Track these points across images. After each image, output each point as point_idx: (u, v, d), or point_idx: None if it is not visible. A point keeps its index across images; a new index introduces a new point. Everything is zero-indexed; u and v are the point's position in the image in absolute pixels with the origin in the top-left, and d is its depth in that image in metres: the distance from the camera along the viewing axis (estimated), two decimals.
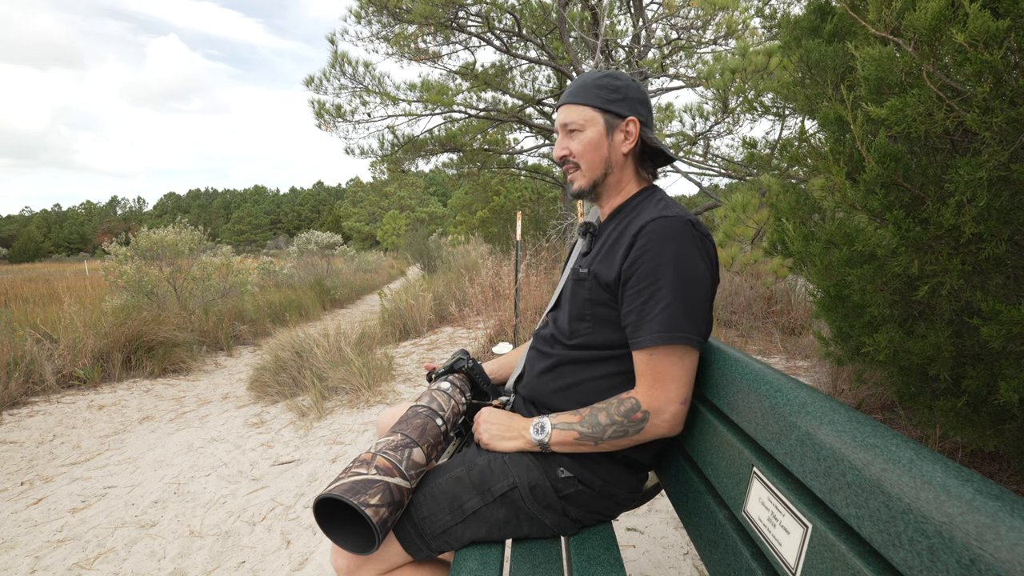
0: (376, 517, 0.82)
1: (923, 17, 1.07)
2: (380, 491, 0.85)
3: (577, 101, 1.04)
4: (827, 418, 0.64)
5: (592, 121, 1.03)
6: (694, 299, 0.91)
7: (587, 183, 1.07)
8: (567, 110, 1.05)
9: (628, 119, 1.03)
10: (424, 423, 1.01)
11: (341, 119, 7.79)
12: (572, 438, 0.96)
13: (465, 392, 1.16)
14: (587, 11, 7.55)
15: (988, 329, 1.16)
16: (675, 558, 1.70)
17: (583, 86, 1.05)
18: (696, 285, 0.91)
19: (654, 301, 0.90)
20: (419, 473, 0.95)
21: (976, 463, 1.90)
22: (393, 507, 0.86)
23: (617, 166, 1.06)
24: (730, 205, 3.97)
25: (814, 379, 2.98)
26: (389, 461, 0.90)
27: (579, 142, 1.04)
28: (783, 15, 2.54)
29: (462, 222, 15.92)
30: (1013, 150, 1.04)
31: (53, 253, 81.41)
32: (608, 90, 1.03)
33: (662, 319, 0.89)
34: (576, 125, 1.04)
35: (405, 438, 0.96)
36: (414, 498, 0.98)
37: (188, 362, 4.94)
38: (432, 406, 1.06)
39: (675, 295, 0.89)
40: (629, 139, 1.04)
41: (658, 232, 0.92)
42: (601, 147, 1.04)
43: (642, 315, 0.91)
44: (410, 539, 0.96)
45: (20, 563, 1.93)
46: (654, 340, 0.89)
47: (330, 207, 78.53)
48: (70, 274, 16.68)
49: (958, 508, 0.44)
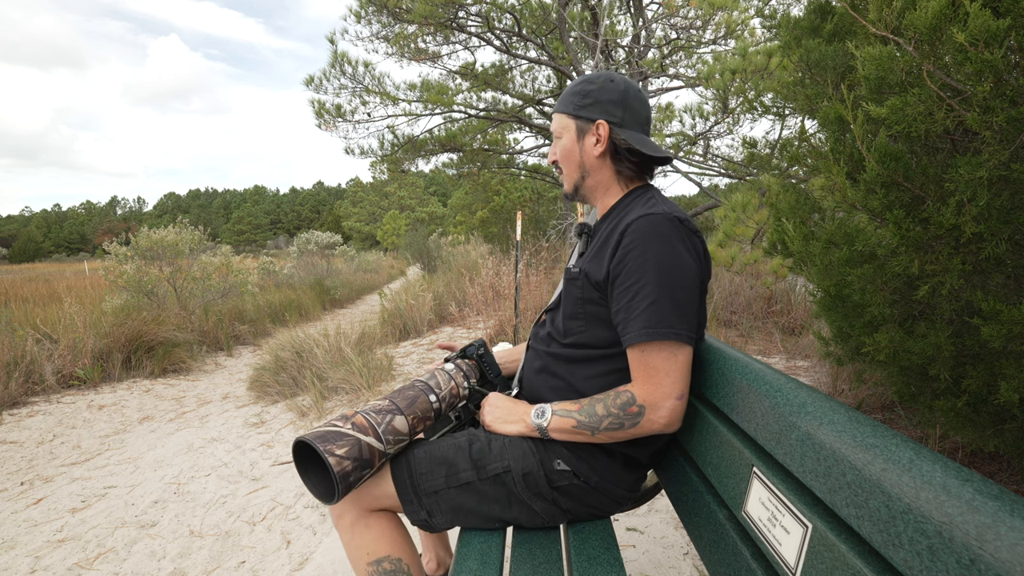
0: (338, 467, 0.86)
1: (923, 16, 1.07)
2: (348, 444, 0.89)
3: (558, 109, 1.10)
4: (827, 418, 0.64)
5: (567, 128, 1.07)
6: (680, 295, 0.91)
7: (569, 187, 1.12)
8: (554, 118, 1.12)
9: (596, 123, 1.04)
10: (416, 396, 1.05)
11: (341, 119, 7.79)
12: (570, 426, 0.97)
13: (470, 378, 1.18)
14: (587, 11, 7.54)
15: (988, 329, 1.16)
16: (675, 558, 1.70)
17: (564, 94, 1.10)
18: (682, 280, 0.91)
19: (640, 298, 0.91)
20: (398, 440, 0.99)
21: (976, 463, 1.90)
22: (359, 464, 0.90)
23: (593, 169, 1.07)
24: (730, 205, 3.97)
25: (814, 379, 2.98)
26: (367, 420, 0.95)
27: (559, 148, 1.10)
28: (783, 15, 2.53)
29: (462, 222, 15.92)
30: (1013, 149, 1.04)
31: (53, 253, 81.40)
32: (580, 95, 1.06)
33: (648, 315, 0.90)
34: (557, 132, 1.09)
35: (392, 404, 1.01)
36: (414, 453, 1.03)
37: (188, 362, 4.94)
38: (430, 382, 1.10)
39: (660, 291, 0.90)
40: (600, 142, 1.05)
41: (642, 229, 0.93)
42: (574, 152, 1.08)
43: (630, 312, 0.92)
44: (405, 488, 1.00)
45: (20, 563, 1.93)
46: (642, 336, 0.90)
47: (330, 207, 78.54)
48: (70, 274, 16.68)
49: (958, 508, 0.44)
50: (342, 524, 1.03)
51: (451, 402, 1.12)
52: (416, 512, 1.02)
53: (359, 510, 1.03)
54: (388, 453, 0.97)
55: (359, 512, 1.03)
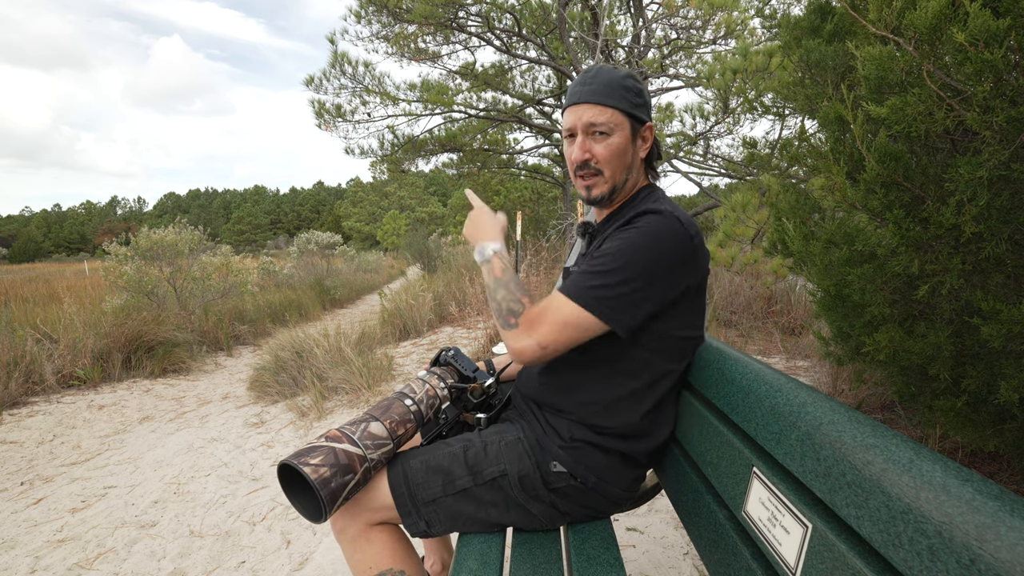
0: (315, 474, 0.88)
1: (923, 16, 1.07)
2: (323, 454, 0.92)
3: (605, 103, 0.96)
4: (827, 418, 0.64)
5: (621, 126, 0.98)
6: (636, 290, 0.89)
7: (608, 189, 1.02)
8: (592, 110, 0.97)
9: (647, 124, 1.02)
10: (390, 402, 1.08)
11: (341, 119, 7.79)
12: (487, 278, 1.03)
13: (445, 379, 1.21)
14: (587, 11, 7.54)
15: (988, 328, 1.16)
16: (675, 558, 1.70)
17: (609, 86, 0.97)
18: (648, 279, 0.89)
19: (597, 263, 0.91)
20: (379, 444, 1.00)
21: (976, 463, 1.90)
22: (338, 469, 0.91)
23: (635, 171, 1.06)
24: (730, 205, 3.97)
25: (814, 379, 2.98)
26: (341, 432, 0.98)
27: (606, 147, 0.98)
28: (783, 15, 2.53)
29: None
30: (1013, 149, 1.04)
31: (53, 253, 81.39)
32: (634, 93, 0.99)
33: (588, 279, 0.90)
34: (605, 128, 0.97)
35: (367, 415, 1.04)
36: (411, 464, 1.03)
37: (188, 362, 4.94)
38: (404, 390, 1.14)
39: (619, 273, 0.89)
40: (646, 144, 1.04)
41: (641, 222, 0.93)
42: (627, 154, 1.00)
43: (580, 276, 0.92)
44: (403, 499, 1.00)
45: (20, 563, 1.93)
46: (568, 289, 0.91)
47: (330, 207, 78.56)
48: (70, 274, 16.67)
49: (958, 508, 0.44)
50: (344, 538, 1.03)
51: (430, 403, 1.14)
52: (415, 524, 1.01)
53: (360, 525, 1.02)
54: (371, 458, 0.97)
55: (360, 527, 1.02)
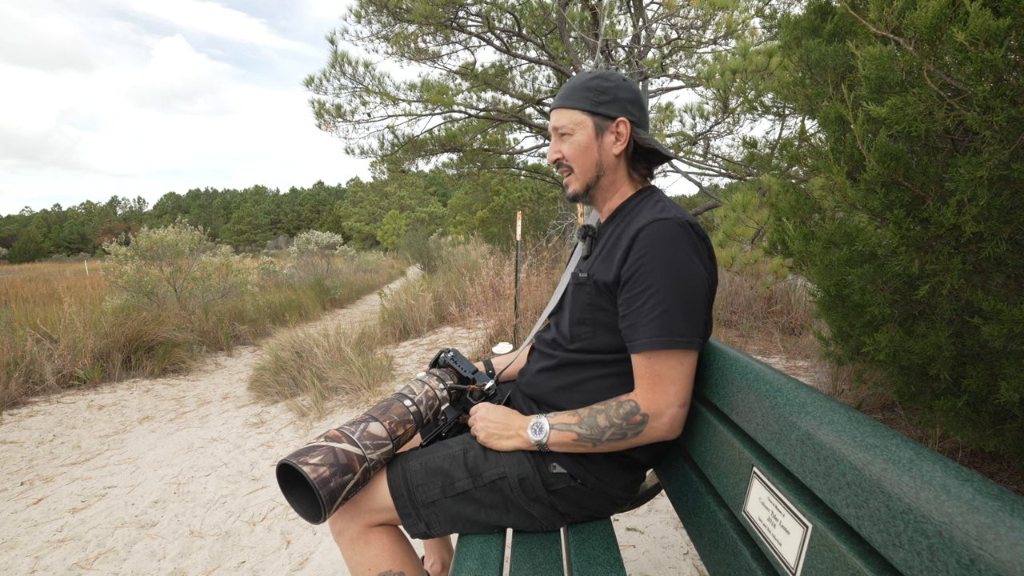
0: (314, 474, 0.88)
1: (924, 16, 1.07)
2: (322, 453, 0.92)
3: (567, 105, 1.04)
4: (827, 418, 0.64)
5: (581, 124, 1.03)
6: (692, 302, 0.90)
7: (581, 186, 1.07)
8: (558, 114, 1.05)
9: (618, 120, 1.02)
10: (389, 403, 1.08)
11: (341, 119, 7.80)
12: (570, 439, 0.96)
13: (445, 380, 1.21)
14: (587, 11, 7.54)
15: (989, 328, 1.16)
16: (675, 558, 1.70)
17: (573, 89, 1.04)
18: (693, 288, 0.91)
19: (651, 304, 0.90)
20: (378, 444, 1.00)
21: (976, 463, 1.90)
22: (337, 469, 0.91)
23: (609, 168, 1.06)
24: (730, 205, 3.97)
25: (814, 379, 2.98)
26: (340, 432, 0.98)
27: (570, 146, 1.04)
28: (783, 15, 2.53)
29: (462, 222, 15.93)
30: (1013, 149, 1.04)
31: (53, 253, 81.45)
32: (597, 91, 1.02)
33: (660, 323, 0.89)
34: (566, 129, 1.04)
35: (366, 415, 1.04)
36: (410, 465, 1.03)
37: (188, 362, 4.94)
38: (404, 391, 1.13)
39: (672, 298, 0.89)
40: (620, 140, 1.03)
41: (655, 235, 0.92)
42: (591, 150, 1.04)
43: (639, 318, 0.91)
44: (402, 501, 1.00)
45: (20, 563, 1.93)
46: (652, 344, 0.89)
47: (330, 207, 78.53)
48: (70, 274, 16.68)
49: (958, 508, 0.44)
50: (343, 540, 1.03)
51: (430, 404, 1.14)
52: (415, 525, 1.01)
53: (359, 526, 1.02)
54: (370, 458, 0.97)
55: (360, 528, 1.02)
